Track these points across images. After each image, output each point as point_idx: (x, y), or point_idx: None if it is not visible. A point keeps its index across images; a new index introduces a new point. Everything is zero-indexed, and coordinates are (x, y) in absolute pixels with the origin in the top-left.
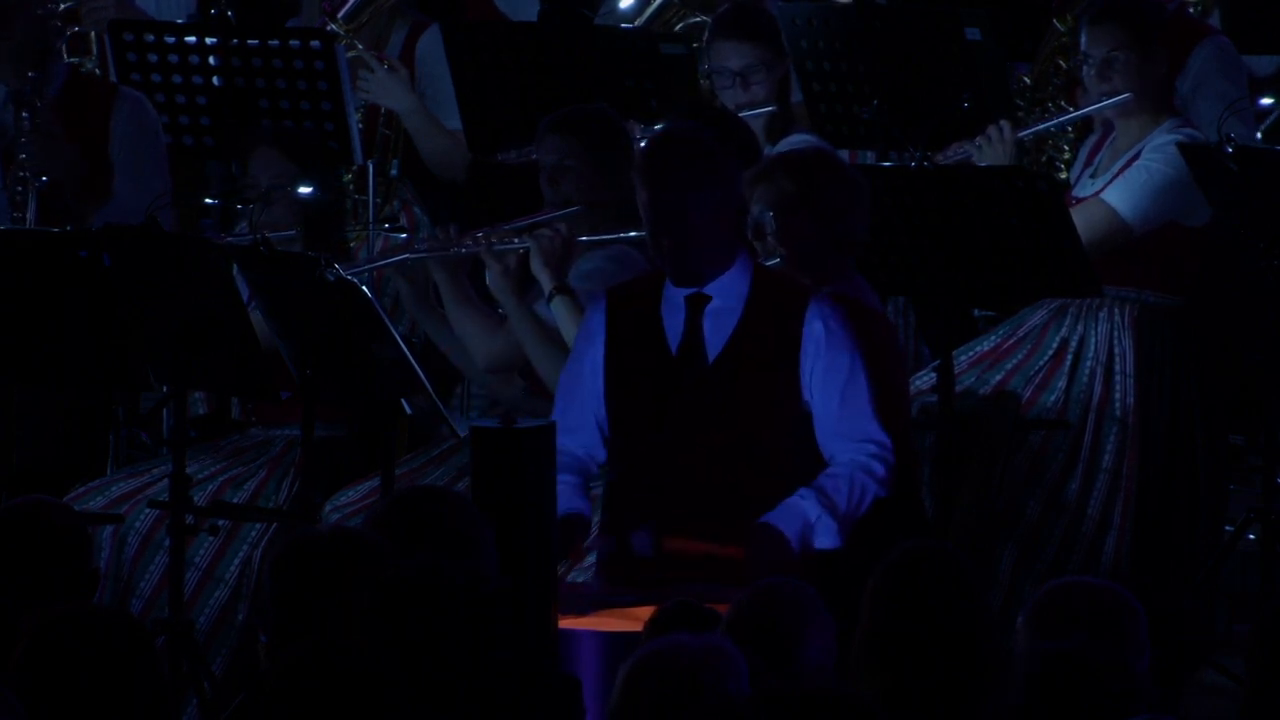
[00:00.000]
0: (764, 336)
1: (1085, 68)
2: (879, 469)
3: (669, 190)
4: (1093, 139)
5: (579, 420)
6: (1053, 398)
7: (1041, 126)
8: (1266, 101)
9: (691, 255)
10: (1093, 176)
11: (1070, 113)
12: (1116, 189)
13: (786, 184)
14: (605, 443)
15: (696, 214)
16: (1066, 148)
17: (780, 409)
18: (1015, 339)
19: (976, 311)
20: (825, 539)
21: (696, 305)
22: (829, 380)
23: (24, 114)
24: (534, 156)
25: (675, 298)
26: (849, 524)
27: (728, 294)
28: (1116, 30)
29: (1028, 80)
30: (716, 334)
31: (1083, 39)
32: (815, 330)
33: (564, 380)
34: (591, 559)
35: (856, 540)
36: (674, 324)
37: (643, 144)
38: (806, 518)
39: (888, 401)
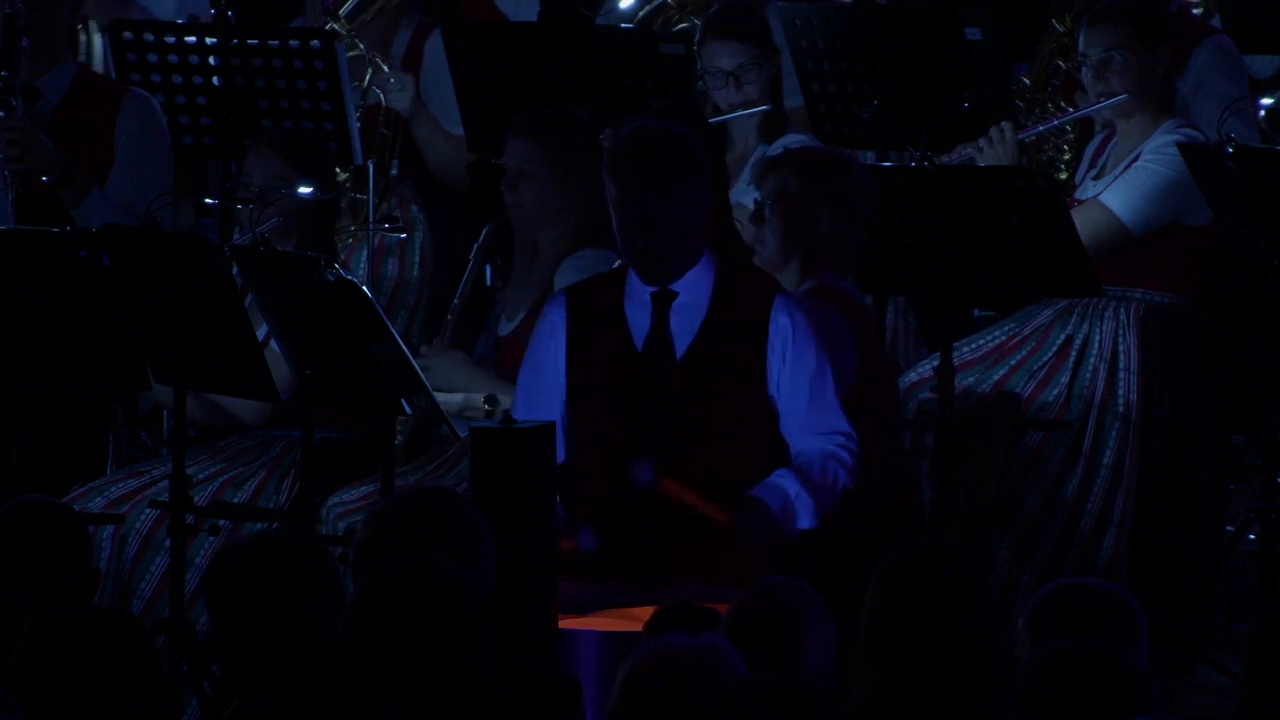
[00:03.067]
0: (731, 332)
1: (1084, 68)
2: (846, 457)
3: (642, 188)
4: (1097, 139)
5: (541, 415)
6: (1054, 393)
7: (1043, 127)
8: (1267, 101)
9: (664, 254)
10: (1096, 178)
11: (1070, 113)
12: (1115, 191)
13: (791, 180)
14: (565, 440)
15: (671, 212)
16: (1066, 148)
17: (747, 404)
18: (1020, 337)
19: (976, 312)
20: (804, 517)
21: (663, 302)
22: (796, 376)
23: (1, 112)
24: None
25: (640, 294)
26: (823, 505)
27: (694, 290)
28: (1114, 31)
29: (1026, 81)
30: (683, 330)
31: (1081, 40)
32: (782, 325)
33: (524, 381)
34: None
35: (853, 535)
36: (639, 321)
37: (612, 141)
38: (787, 493)
39: (873, 400)
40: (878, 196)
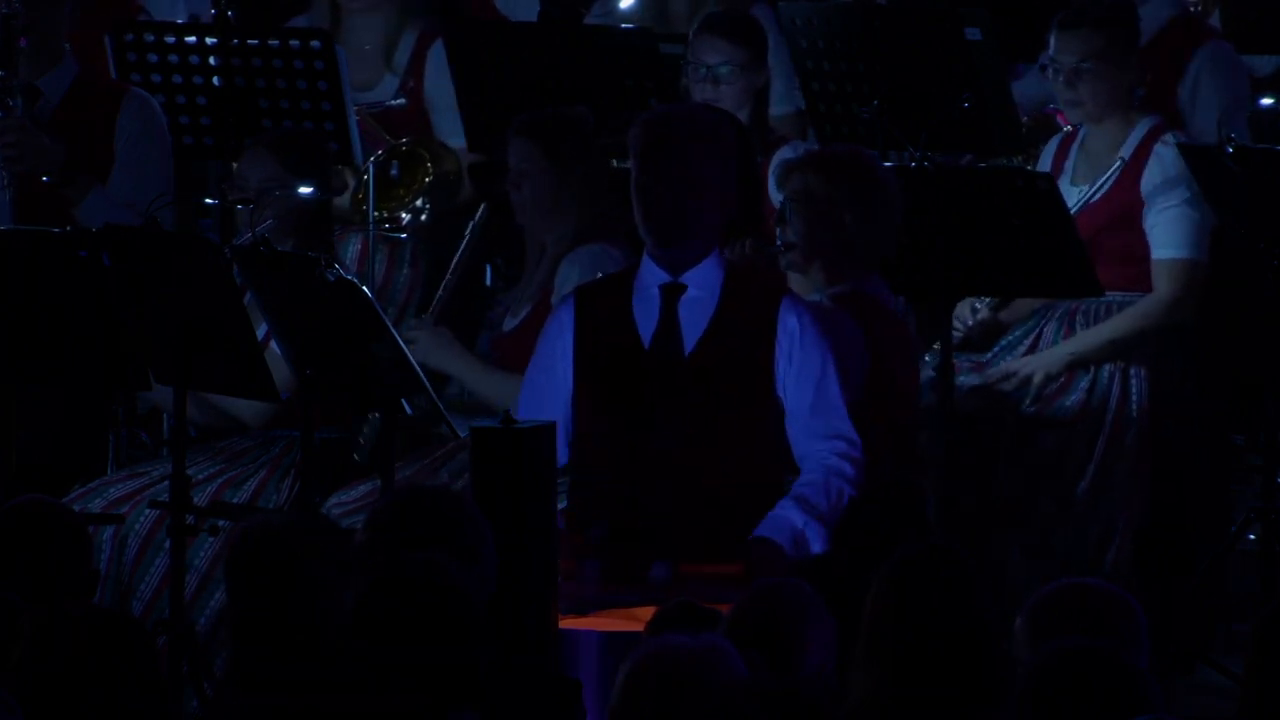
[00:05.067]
0: (738, 330)
1: (1052, 73)
2: (848, 469)
3: (666, 150)
4: (1054, 141)
5: (545, 416)
6: (1074, 398)
7: None
8: (1267, 102)
9: (679, 215)
10: (1073, 183)
11: None
12: (1162, 241)
13: (814, 180)
14: (569, 444)
15: (690, 175)
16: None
17: (753, 402)
18: (1026, 347)
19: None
20: (815, 544)
21: (672, 294)
22: (802, 377)
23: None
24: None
25: (648, 290)
26: (832, 525)
27: (703, 284)
28: (1089, 39)
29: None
30: (691, 326)
31: (1052, 44)
32: (790, 326)
33: (529, 377)
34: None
35: (856, 538)
36: (646, 318)
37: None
38: (795, 525)
39: (885, 398)
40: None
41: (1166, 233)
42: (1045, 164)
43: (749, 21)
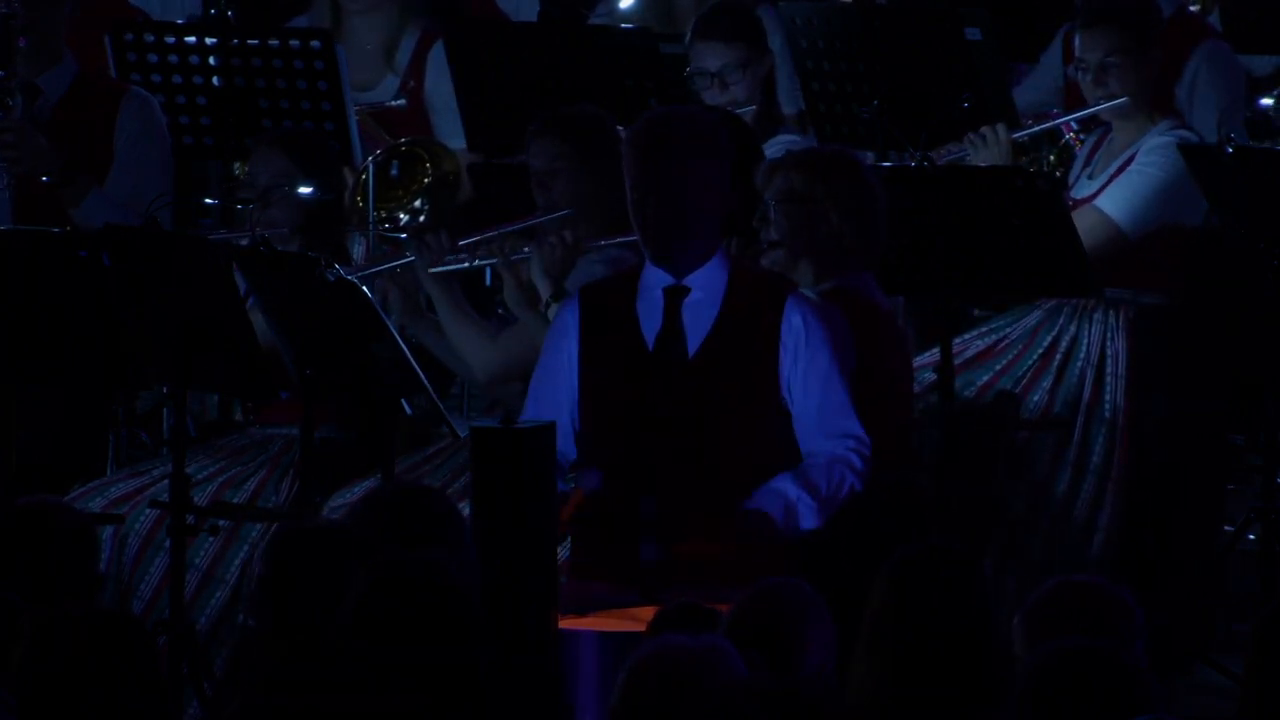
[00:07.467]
0: (743, 330)
1: (1080, 73)
2: (856, 461)
3: (664, 157)
4: (1092, 139)
5: (551, 417)
6: (1036, 397)
7: (1038, 128)
8: (1266, 102)
9: (678, 224)
10: (1090, 177)
11: (1067, 115)
12: (1110, 195)
13: (796, 179)
14: (576, 440)
15: (689, 182)
16: (1053, 158)
17: (758, 403)
18: (1008, 340)
19: (976, 311)
20: (807, 518)
21: (675, 297)
22: (809, 378)
23: None
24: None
25: (652, 291)
26: (829, 507)
27: (706, 286)
28: (1111, 34)
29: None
30: (695, 327)
31: (1076, 44)
32: (794, 325)
33: (536, 378)
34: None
35: (856, 538)
36: (650, 318)
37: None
38: (787, 496)
39: (885, 399)
40: (886, 193)
41: (1116, 188)
42: (1080, 158)
43: (739, 15)
